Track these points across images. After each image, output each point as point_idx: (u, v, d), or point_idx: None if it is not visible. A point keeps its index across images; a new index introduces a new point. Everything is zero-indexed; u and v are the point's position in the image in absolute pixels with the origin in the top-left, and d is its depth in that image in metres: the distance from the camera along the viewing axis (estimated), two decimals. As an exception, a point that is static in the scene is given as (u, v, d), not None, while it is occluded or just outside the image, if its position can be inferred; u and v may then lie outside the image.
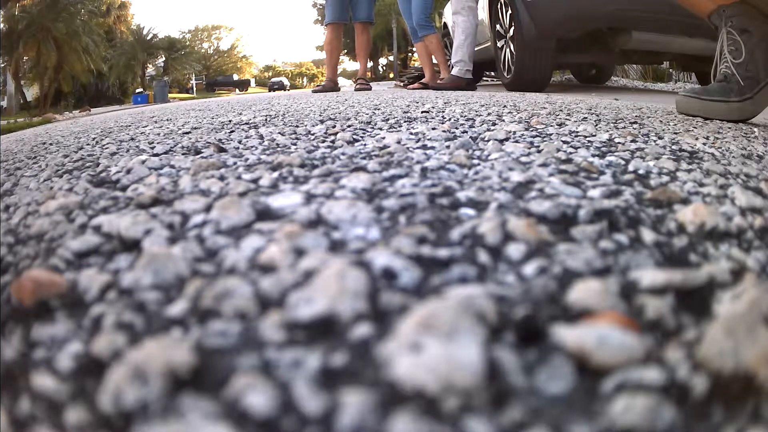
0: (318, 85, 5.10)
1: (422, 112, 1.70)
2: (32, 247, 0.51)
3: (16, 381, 0.30)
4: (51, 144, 1.67)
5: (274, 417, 0.26)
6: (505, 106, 1.95)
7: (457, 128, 1.22)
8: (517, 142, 0.99)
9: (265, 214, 0.53)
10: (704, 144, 1.06)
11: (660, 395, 0.27)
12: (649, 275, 0.38)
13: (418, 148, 0.93)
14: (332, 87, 4.87)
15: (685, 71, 7.57)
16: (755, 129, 1.46)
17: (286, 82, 39.16)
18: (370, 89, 4.78)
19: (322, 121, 1.48)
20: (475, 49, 4.51)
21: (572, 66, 6.57)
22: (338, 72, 5.29)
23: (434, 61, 4.80)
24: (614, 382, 0.28)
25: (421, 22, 4.55)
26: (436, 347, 0.28)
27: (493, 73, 6.82)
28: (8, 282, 0.43)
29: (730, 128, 1.44)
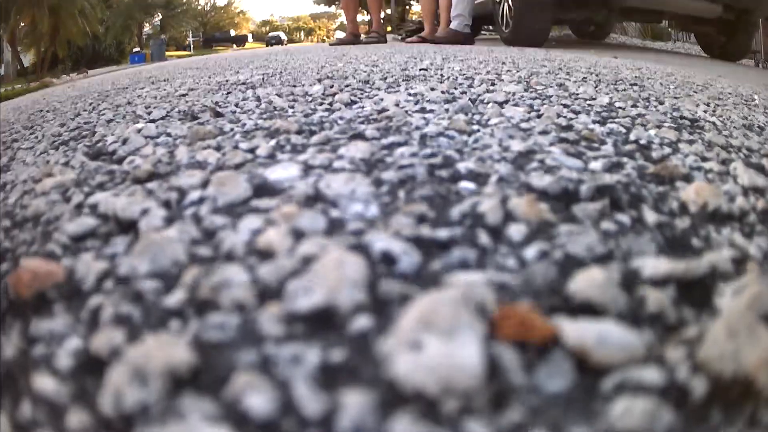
0: (336, 39, 5.02)
1: (420, 69, 1.67)
2: (29, 232, 0.50)
3: (17, 382, 0.30)
4: (48, 111, 1.65)
5: (275, 418, 0.26)
6: (503, 63, 1.93)
7: (456, 88, 1.21)
8: (516, 105, 0.98)
9: (262, 189, 0.52)
10: (705, 112, 1.05)
11: (659, 397, 0.27)
12: (651, 264, 0.37)
13: (416, 111, 0.92)
14: (352, 40, 4.77)
15: (684, 31, 7.46)
16: (755, 96, 1.45)
17: (283, 36, 38.44)
18: (384, 42, 4.67)
19: (319, 80, 1.45)
20: (474, 3, 4.42)
21: (571, 22, 6.46)
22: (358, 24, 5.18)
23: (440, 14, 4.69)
24: (613, 382, 0.28)
25: None
26: (436, 346, 0.28)
27: (491, 27, 6.70)
28: (6, 271, 0.42)
29: (730, 94, 1.42)
